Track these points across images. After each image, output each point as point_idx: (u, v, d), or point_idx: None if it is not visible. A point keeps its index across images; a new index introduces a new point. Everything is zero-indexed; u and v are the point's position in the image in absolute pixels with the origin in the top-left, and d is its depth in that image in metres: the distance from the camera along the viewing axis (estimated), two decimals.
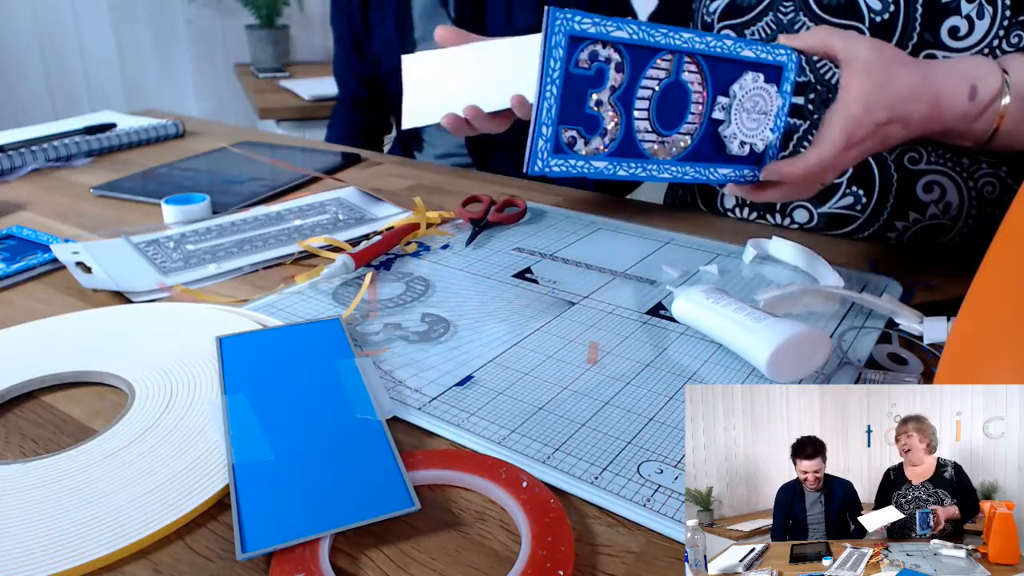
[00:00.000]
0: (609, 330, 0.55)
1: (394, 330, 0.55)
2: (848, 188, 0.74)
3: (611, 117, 0.54)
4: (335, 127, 1.37)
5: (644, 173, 0.57)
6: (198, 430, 0.43)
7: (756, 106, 0.58)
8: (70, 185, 0.91)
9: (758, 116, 0.58)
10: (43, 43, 2.44)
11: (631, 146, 0.56)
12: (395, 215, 0.79)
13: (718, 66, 0.56)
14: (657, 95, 0.55)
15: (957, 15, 0.64)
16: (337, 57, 1.34)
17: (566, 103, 0.52)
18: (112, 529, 0.36)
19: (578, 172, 0.54)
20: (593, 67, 0.52)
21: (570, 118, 0.52)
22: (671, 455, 0.42)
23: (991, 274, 0.37)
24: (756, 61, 0.57)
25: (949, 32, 0.65)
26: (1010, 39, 0.64)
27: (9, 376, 0.48)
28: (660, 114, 0.56)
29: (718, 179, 0.60)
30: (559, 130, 0.52)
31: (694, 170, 0.58)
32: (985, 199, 0.71)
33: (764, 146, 0.59)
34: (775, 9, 0.73)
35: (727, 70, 0.56)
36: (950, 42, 0.65)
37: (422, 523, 0.37)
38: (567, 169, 0.54)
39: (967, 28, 0.64)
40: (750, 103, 0.57)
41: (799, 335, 0.47)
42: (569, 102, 0.52)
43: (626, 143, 0.55)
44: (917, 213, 0.72)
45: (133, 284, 0.62)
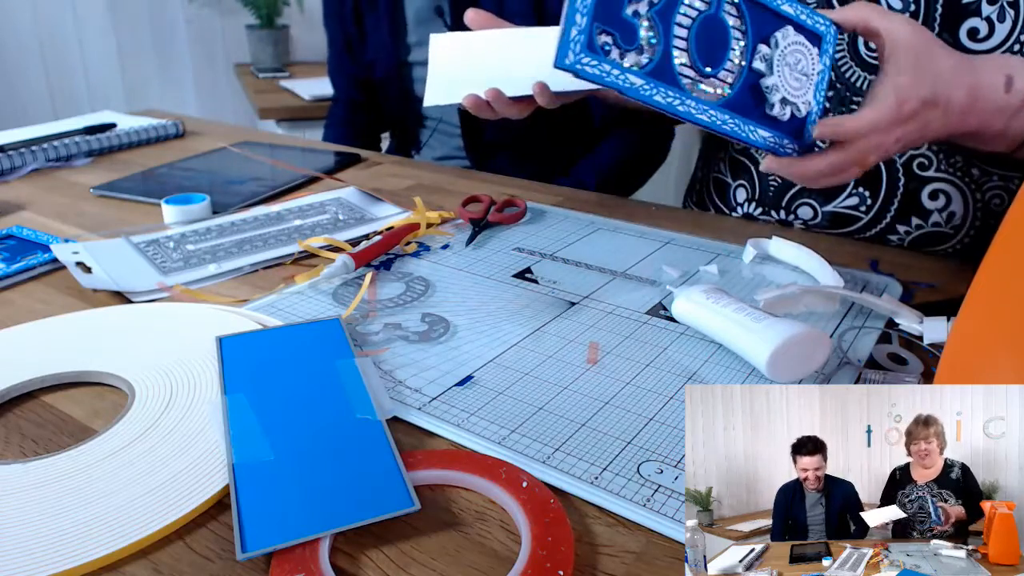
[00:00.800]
0: (609, 330, 0.55)
1: (394, 330, 0.55)
2: (855, 188, 0.74)
3: (649, 31, 0.48)
4: (331, 127, 1.37)
5: (683, 108, 0.51)
6: (198, 430, 0.43)
7: (798, 63, 0.54)
8: (70, 185, 0.91)
9: (800, 76, 0.54)
10: (43, 43, 2.44)
11: (669, 72, 0.50)
12: (395, 215, 0.79)
13: (758, 14, 0.52)
14: (696, 26, 0.50)
15: (977, 16, 0.63)
16: (331, 58, 1.34)
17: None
18: (112, 529, 0.36)
19: (612, 82, 0.48)
20: None
21: (606, 18, 0.46)
22: (671, 455, 0.42)
23: (991, 274, 0.37)
24: (796, 21, 0.53)
25: (968, 33, 0.64)
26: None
27: (9, 376, 0.48)
28: (699, 49, 0.50)
29: (757, 141, 0.55)
30: (593, 28, 0.46)
31: (733, 121, 0.53)
32: (991, 211, 0.71)
33: (806, 112, 0.56)
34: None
35: (767, 20, 0.53)
36: (969, 44, 0.64)
37: (422, 523, 0.37)
38: (601, 73, 0.48)
39: (987, 30, 0.63)
40: (792, 58, 0.54)
41: (799, 335, 0.47)
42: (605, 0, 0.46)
43: (664, 68, 0.49)
44: (920, 219, 0.72)
45: (133, 284, 0.62)
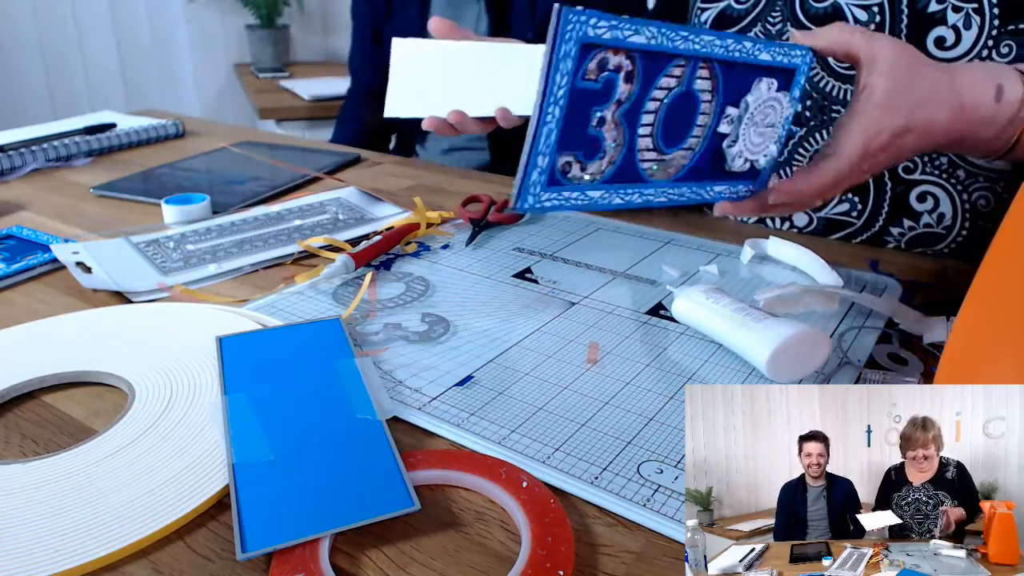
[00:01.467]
0: (609, 330, 0.55)
1: (394, 330, 0.55)
2: (844, 195, 0.74)
3: (614, 138, 0.48)
4: (346, 121, 1.37)
5: (640, 199, 0.51)
6: (198, 430, 0.43)
7: (766, 118, 0.53)
8: (70, 185, 0.91)
9: (765, 130, 0.54)
10: (43, 43, 2.44)
11: (631, 169, 0.50)
12: (395, 215, 0.79)
13: (732, 72, 0.50)
14: (665, 107, 0.49)
15: (943, 25, 0.63)
16: (355, 49, 1.34)
17: (568, 125, 0.44)
18: (112, 529, 0.36)
19: (571, 206, 0.48)
20: (601, 79, 0.44)
21: (570, 142, 0.45)
22: (671, 455, 0.42)
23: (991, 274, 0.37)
24: (771, 64, 0.51)
25: (935, 43, 0.63)
26: (1000, 49, 0.62)
27: (9, 376, 0.48)
28: (665, 129, 0.50)
29: (713, 197, 0.55)
30: (556, 158, 0.45)
31: (690, 191, 0.53)
32: (979, 212, 0.71)
33: (765, 162, 0.55)
34: (763, 20, 0.72)
35: (741, 77, 0.51)
36: (937, 53, 0.64)
37: (422, 523, 0.37)
38: (560, 203, 0.48)
39: (954, 38, 0.63)
40: (760, 115, 0.52)
41: (799, 335, 0.47)
42: (571, 124, 0.45)
43: (626, 166, 0.49)
44: (912, 221, 0.72)
45: (133, 284, 0.62)
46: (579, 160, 0.47)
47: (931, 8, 0.63)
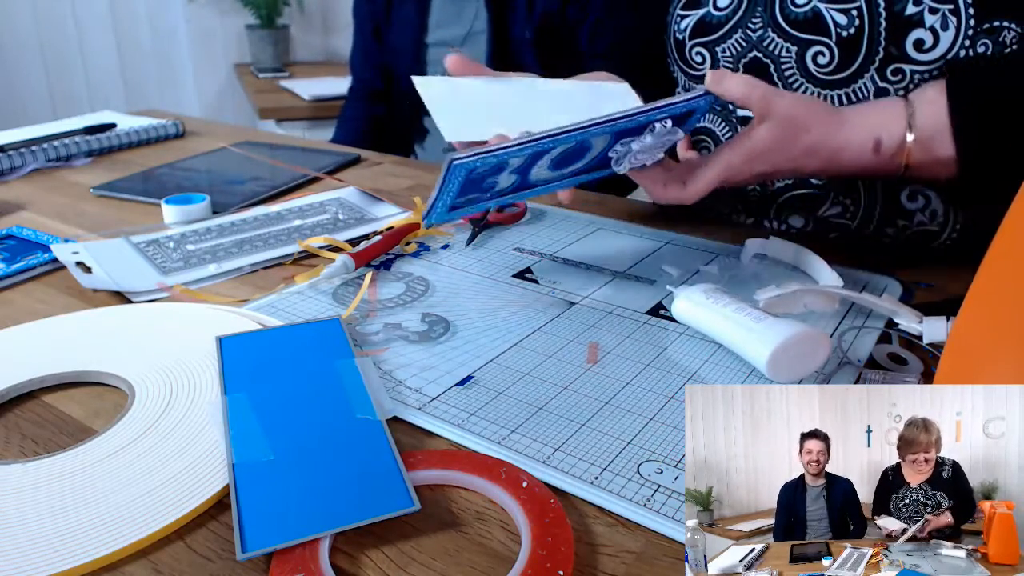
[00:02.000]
0: (609, 330, 0.55)
1: (394, 330, 0.55)
2: (835, 198, 0.74)
3: (508, 179, 0.56)
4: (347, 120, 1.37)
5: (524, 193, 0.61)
6: (198, 430, 0.43)
7: (656, 145, 0.57)
8: (70, 185, 0.91)
9: (652, 151, 0.58)
10: (43, 43, 2.45)
11: (523, 186, 0.60)
12: (395, 215, 0.79)
13: (628, 128, 0.55)
14: (556, 157, 0.56)
15: (921, 27, 0.63)
16: (356, 47, 1.34)
17: (466, 189, 0.54)
18: (112, 529, 0.36)
19: (468, 213, 0.61)
20: (491, 166, 0.53)
21: (467, 191, 0.55)
22: (671, 455, 0.42)
23: (991, 274, 0.37)
24: (671, 114, 0.56)
25: (914, 45, 0.63)
26: (976, 48, 0.62)
27: (9, 376, 0.48)
28: (557, 164, 0.58)
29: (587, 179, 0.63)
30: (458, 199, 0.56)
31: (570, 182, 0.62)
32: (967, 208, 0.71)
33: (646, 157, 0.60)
34: (744, 27, 0.72)
35: (638, 128, 0.56)
36: (916, 55, 0.64)
37: (422, 523, 0.37)
38: (458, 215, 0.60)
39: (932, 40, 0.63)
40: (652, 143, 0.57)
41: (799, 335, 0.47)
42: (469, 187, 0.55)
43: (519, 186, 0.59)
44: (905, 220, 0.72)
45: (133, 284, 0.62)
46: (474, 196, 0.57)
47: (908, 11, 0.63)
